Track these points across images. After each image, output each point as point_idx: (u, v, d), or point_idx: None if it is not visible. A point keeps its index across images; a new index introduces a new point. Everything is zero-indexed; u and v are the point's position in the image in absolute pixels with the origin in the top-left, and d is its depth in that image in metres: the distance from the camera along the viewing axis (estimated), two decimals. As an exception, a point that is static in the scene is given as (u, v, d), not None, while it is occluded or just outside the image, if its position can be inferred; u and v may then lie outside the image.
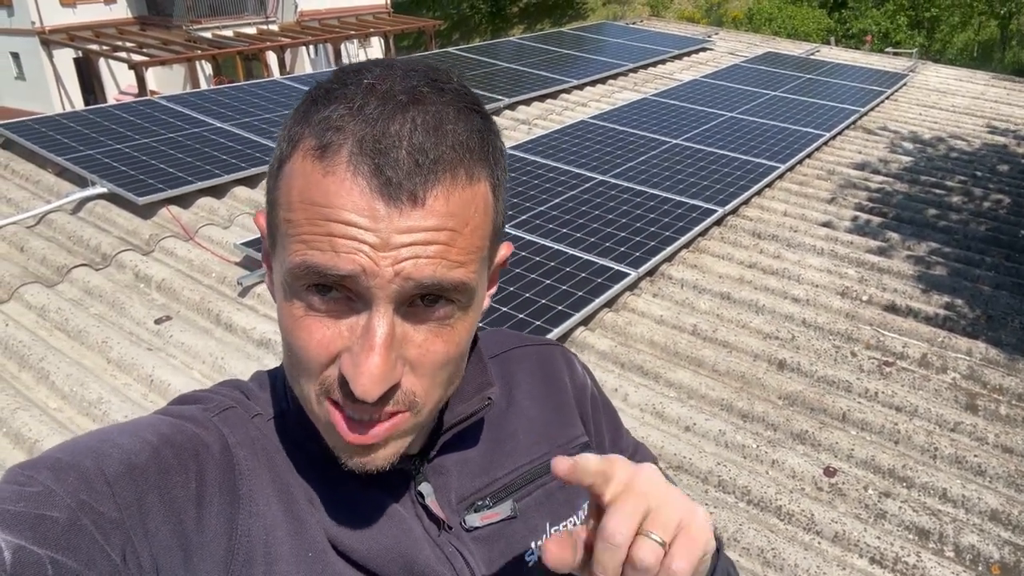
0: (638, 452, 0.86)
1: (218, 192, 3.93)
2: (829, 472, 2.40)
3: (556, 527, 0.71)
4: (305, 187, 0.51)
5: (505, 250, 0.64)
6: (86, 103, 15.59)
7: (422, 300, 0.52)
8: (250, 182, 4.08)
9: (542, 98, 6.11)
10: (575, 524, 0.73)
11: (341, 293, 0.51)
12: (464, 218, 0.52)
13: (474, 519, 0.67)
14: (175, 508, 0.54)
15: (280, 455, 0.62)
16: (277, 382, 0.67)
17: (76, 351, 2.71)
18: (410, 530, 0.63)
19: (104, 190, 3.67)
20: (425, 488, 0.65)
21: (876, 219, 4.26)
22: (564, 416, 0.77)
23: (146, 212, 3.64)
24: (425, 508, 0.65)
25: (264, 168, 4.09)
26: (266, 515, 0.58)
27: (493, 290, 0.64)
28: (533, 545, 0.70)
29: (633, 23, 10.32)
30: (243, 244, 3.26)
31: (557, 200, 3.96)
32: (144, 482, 0.53)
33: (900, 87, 7.33)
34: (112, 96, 15.42)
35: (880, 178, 4.89)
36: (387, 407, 0.53)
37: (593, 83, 6.74)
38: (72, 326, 2.78)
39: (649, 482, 0.53)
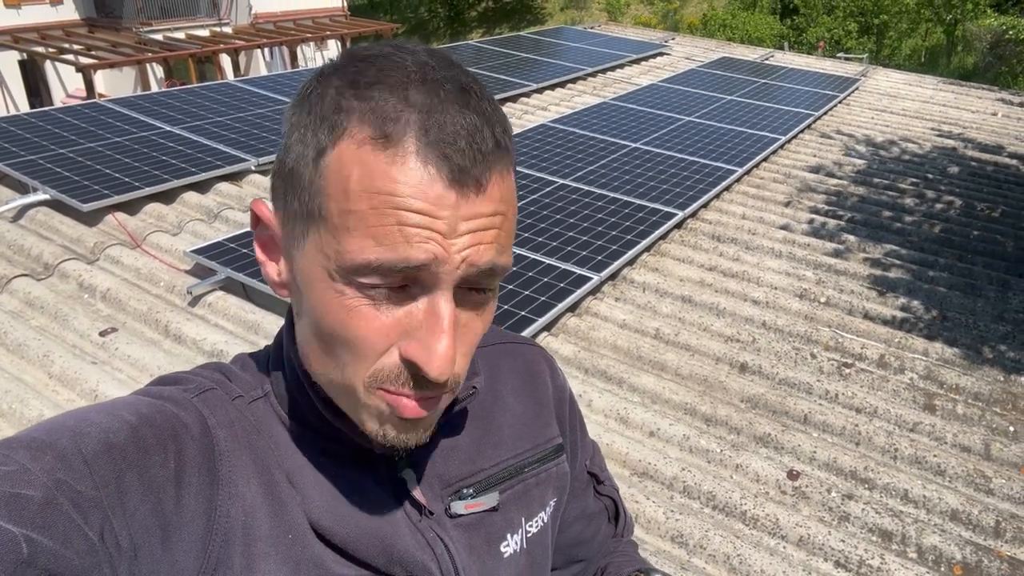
0: (596, 453, 0.92)
1: (167, 198, 3.81)
2: (792, 475, 2.39)
3: (530, 522, 0.74)
4: (366, 176, 0.50)
5: None
6: (32, 107, 15.11)
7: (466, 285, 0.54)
8: (201, 187, 3.95)
9: (502, 101, 6.08)
10: (544, 521, 0.75)
11: (400, 279, 0.52)
12: (509, 204, 0.55)
13: (459, 506, 0.68)
14: (154, 487, 0.53)
15: (261, 437, 0.61)
16: (260, 365, 0.66)
17: (16, 366, 2.58)
18: (391, 515, 0.64)
19: (47, 196, 3.52)
20: (408, 474, 0.65)
21: (832, 222, 4.31)
22: (543, 416, 0.79)
23: (91, 219, 3.50)
24: (407, 493, 0.65)
25: (216, 172, 3.97)
26: (245, 496, 0.58)
27: None
28: (509, 537, 0.71)
29: (591, 28, 10.37)
30: (193, 251, 3.15)
31: (518, 204, 3.92)
32: (122, 461, 0.52)
33: (852, 91, 7.47)
34: (59, 100, 14.95)
35: (835, 181, 4.96)
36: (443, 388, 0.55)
37: (552, 87, 6.73)
38: (11, 339, 2.65)
39: None
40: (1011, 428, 2.68)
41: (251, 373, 0.66)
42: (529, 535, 0.74)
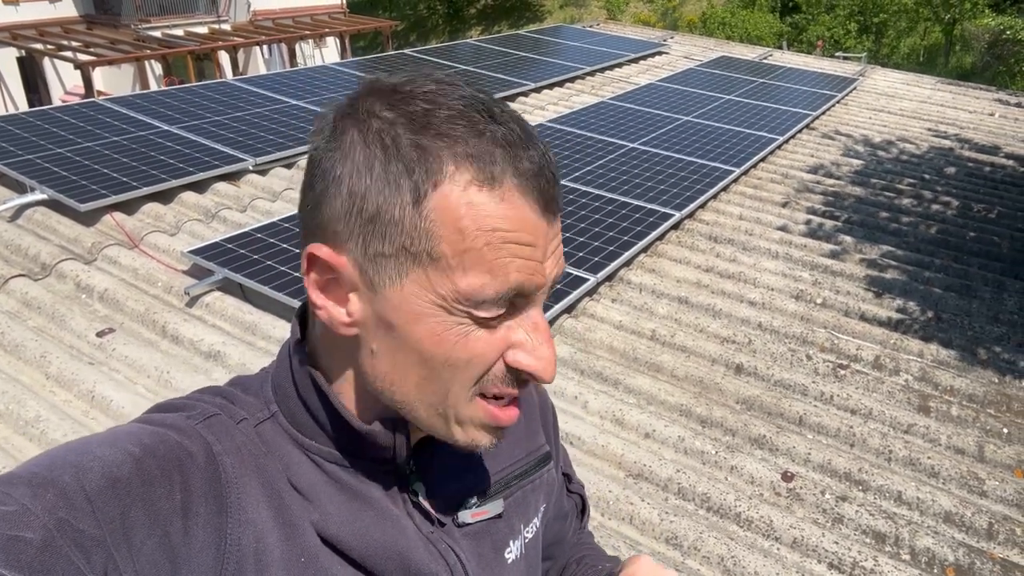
0: (565, 453, 0.97)
1: (165, 198, 3.81)
2: (787, 477, 2.40)
3: (527, 528, 0.77)
4: (478, 216, 0.54)
5: None
6: (30, 104, 15.07)
7: None
8: (198, 187, 3.96)
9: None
10: (537, 526, 0.79)
11: (508, 303, 0.57)
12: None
13: (465, 515, 0.69)
14: (160, 520, 0.53)
15: (269, 460, 0.61)
16: (263, 386, 0.66)
17: (13, 366, 2.58)
18: (404, 528, 0.65)
19: (44, 196, 3.53)
20: (419, 486, 0.67)
21: (829, 222, 4.32)
22: (532, 425, 0.81)
23: (88, 219, 3.50)
24: (417, 506, 0.66)
25: (213, 172, 3.98)
26: (256, 522, 0.58)
27: None
28: (511, 543, 0.73)
29: (590, 26, 10.36)
30: (191, 252, 3.16)
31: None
32: (127, 496, 0.52)
33: (850, 91, 7.47)
34: (58, 97, 14.93)
35: (832, 181, 4.97)
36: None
37: (551, 86, 6.73)
38: (8, 340, 2.65)
39: None
40: (1005, 430, 2.69)
41: (253, 395, 0.66)
42: (526, 540, 0.76)
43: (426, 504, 0.67)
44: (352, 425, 0.62)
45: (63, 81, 15.27)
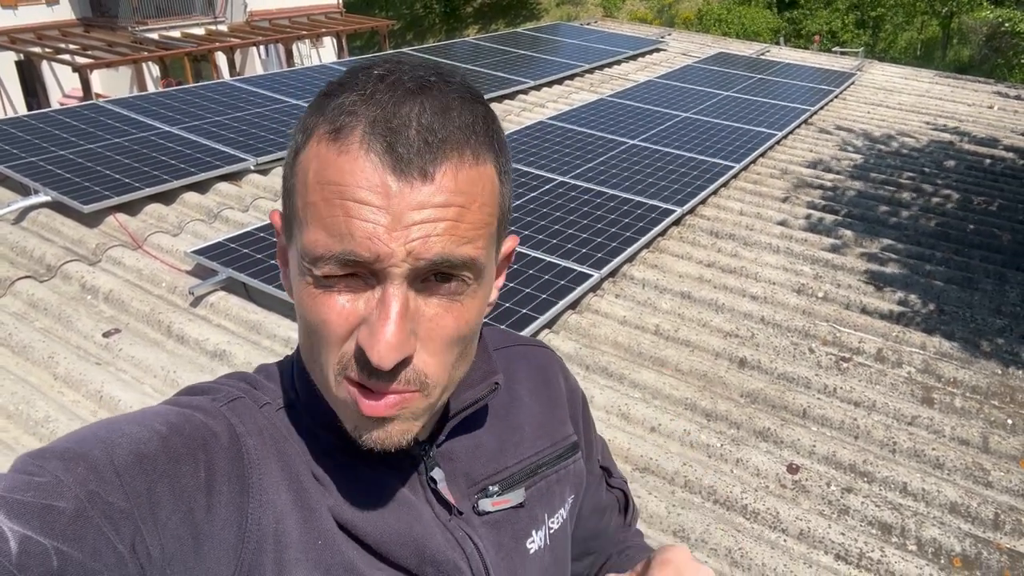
0: (605, 448, 0.95)
1: (167, 198, 3.82)
2: (792, 469, 2.42)
3: (552, 518, 0.75)
4: (320, 168, 0.53)
5: (511, 243, 0.65)
6: (29, 107, 15.07)
7: (435, 276, 0.54)
8: (200, 187, 3.97)
9: (500, 99, 6.09)
10: (563, 517, 0.77)
11: (358, 269, 0.53)
12: (472, 195, 0.54)
13: (486, 504, 0.69)
14: (185, 497, 0.54)
15: (289, 444, 0.62)
16: (285, 373, 0.67)
17: (21, 367, 2.59)
18: (421, 515, 0.65)
19: (48, 198, 3.53)
20: (437, 473, 0.67)
21: (829, 217, 4.33)
22: (558, 414, 0.81)
23: (92, 220, 3.51)
24: (436, 493, 0.66)
25: (214, 173, 3.99)
26: (276, 504, 0.59)
27: (501, 281, 0.66)
28: (534, 533, 0.73)
29: (587, 24, 10.37)
30: (194, 252, 3.17)
31: (517, 202, 3.94)
32: (153, 471, 0.53)
33: (848, 86, 7.48)
34: (56, 100, 14.94)
35: (832, 176, 4.98)
36: (398, 384, 0.54)
37: (550, 84, 6.74)
38: (16, 341, 2.66)
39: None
40: (1009, 421, 2.71)
41: (275, 382, 0.67)
42: (551, 531, 0.76)
43: (445, 492, 0.67)
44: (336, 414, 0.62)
45: (61, 84, 15.26)
